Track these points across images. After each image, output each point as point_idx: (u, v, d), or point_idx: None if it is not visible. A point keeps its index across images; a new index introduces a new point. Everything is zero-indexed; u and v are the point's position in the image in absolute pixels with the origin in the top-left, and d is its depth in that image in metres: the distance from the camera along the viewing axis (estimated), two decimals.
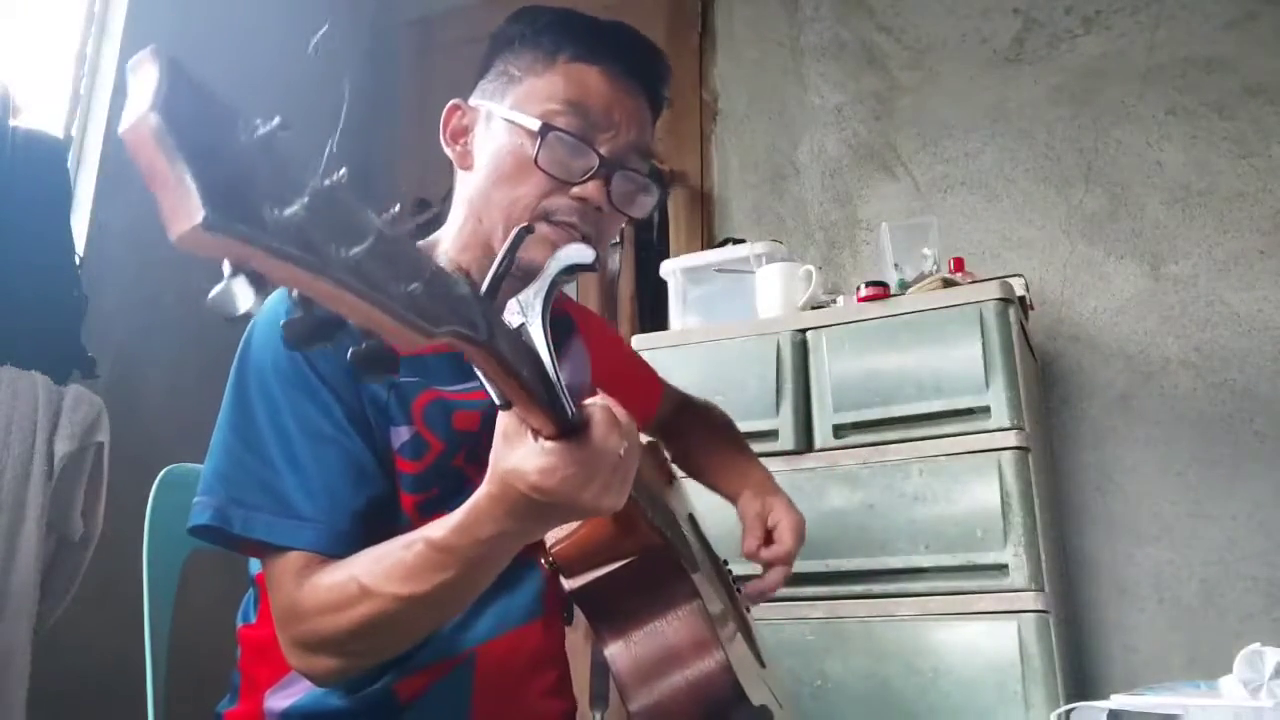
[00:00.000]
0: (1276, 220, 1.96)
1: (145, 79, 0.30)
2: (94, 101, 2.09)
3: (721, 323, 1.87)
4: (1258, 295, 1.94)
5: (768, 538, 1.06)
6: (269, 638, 0.89)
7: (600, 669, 1.71)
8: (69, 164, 1.93)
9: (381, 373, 0.41)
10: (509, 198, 0.89)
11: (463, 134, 0.97)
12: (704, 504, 1.22)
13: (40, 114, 1.95)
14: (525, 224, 0.85)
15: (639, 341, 1.87)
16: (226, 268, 0.33)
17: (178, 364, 2.10)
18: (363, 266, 0.36)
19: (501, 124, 0.92)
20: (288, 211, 0.33)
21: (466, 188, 0.94)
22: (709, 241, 2.41)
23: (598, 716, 1.68)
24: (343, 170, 0.36)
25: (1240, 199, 1.99)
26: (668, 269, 2.07)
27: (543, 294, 0.54)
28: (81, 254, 1.92)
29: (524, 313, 0.53)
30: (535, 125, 0.88)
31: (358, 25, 2.83)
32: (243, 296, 0.33)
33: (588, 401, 0.63)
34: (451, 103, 0.97)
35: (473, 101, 0.97)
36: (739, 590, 1.11)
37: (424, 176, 2.52)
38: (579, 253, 0.57)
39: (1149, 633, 1.86)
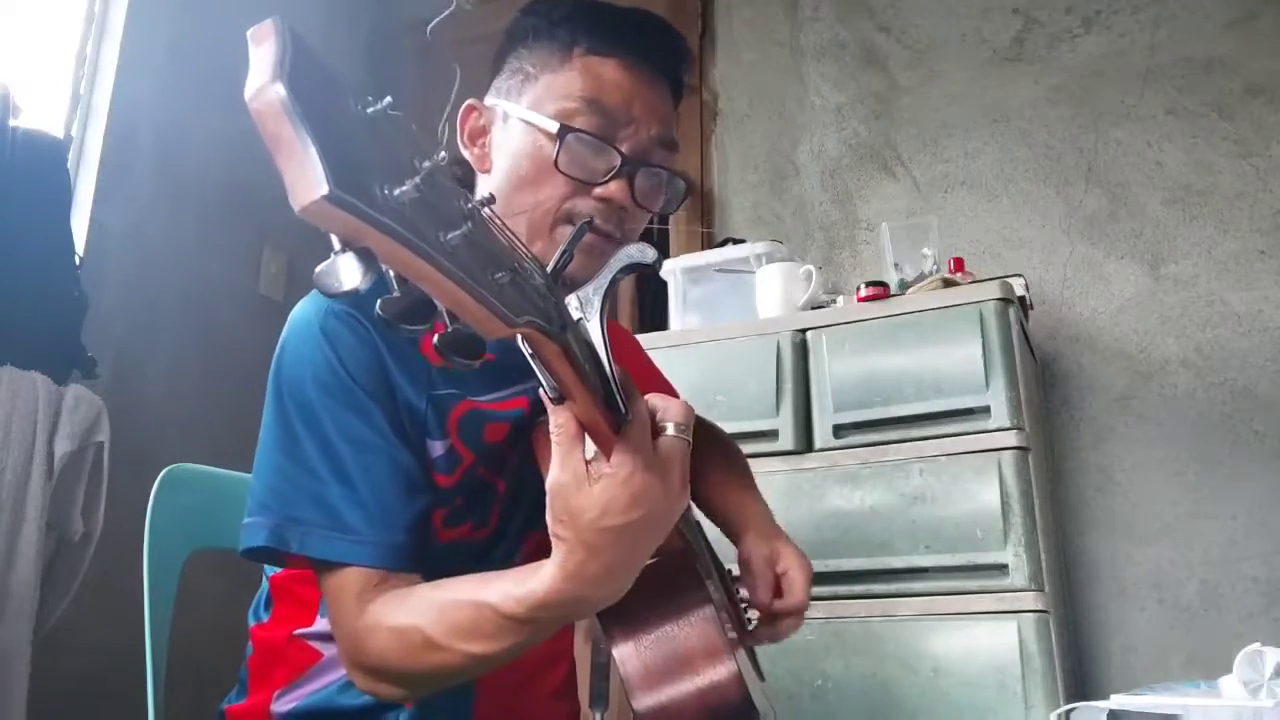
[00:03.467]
0: (1276, 220, 1.96)
1: (267, 49, 0.31)
2: (94, 101, 2.08)
3: (721, 323, 1.87)
4: (1258, 295, 1.94)
5: (777, 585, 1.00)
6: (280, 639, 0.88)
7: (601, 669, 1.71)
8: (69, 164, 1.93)
9: (469, 357, 0.41)
10: (531, 201, 0.86)
11: (480, 135, 0.93)
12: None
13: (40, 114, 1.95)
14: (588, 219, 0.83)
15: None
16: (336, 243, 0.33)
17: (178, 364, 2.10)
18: (459, 253, 0.36)
19: (519, 125, 0.88)
20: (398, 191, 0.34)
21: (486, 190, 0.91)
22: (709, 241, 2.41)
23: (597, 717, 1.68)
24: (442, 154, 0.37)
25: (1240, 199, 1.99)
26: (668, 269, 2.06)
27: (602, 291, 0.54)
28: (81, 254, 1.91)
29: (583, 309, 0.53)
30: (553, 127, 0.85)
31: (357, 25, 2.83)
32: (349, 274, 0.33)
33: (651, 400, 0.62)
34: (467, 103, 0.94)
35: (489, 101, 0.93)
36: (746, 613, 1.10)
37: None
38: (639, 252, 0.57)
39: (1149, 633, 1.86)
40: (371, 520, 0.76)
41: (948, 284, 1.68)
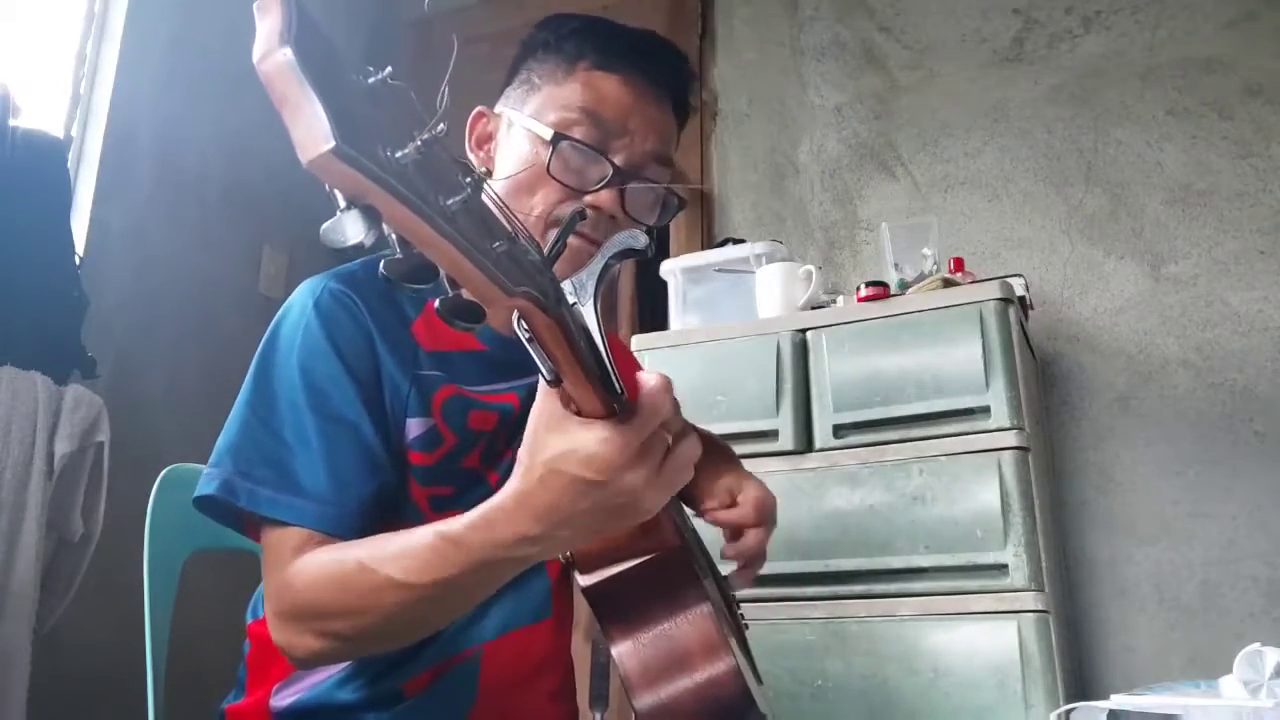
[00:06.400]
0: (1276, 220, 1.96)
1: (273, 18, 0.33)
2: (94, 101, 2.09)
3: (721, 323, 1.87)
4: (1258, 295, 1.94)
5: (732, 503, 1.04)
6: None
7: (600, 670, 1.71)
8: (69, 164, 1.93)
9: (469, 322, 0.42)
10: (525, 205, 0.90)
11: (487, 140, 0.97)
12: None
13: (40, 114, 1.95)
14: (579, 208, 0.85)
15: (639, 341, 1.87)
16: (341, 200, 0.35)
17: (178, 364, 2.10)
18: (458, 219, 0.38)
19: (521, 131, 0.92)
20: (399, 154, 0.35)
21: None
22: (709, 241, 2.41)
23: (597, 717, 1.68)
24: (442, 126, 0.38)
25: (1240, 199, 1.99)
26: (668, 269, 2.07)
27: (595, 275, 0.55)
28: (81, 254, 1.92)
29: (577, 293, 0.54)
30: (548, 134, 0.89)
31: (357, 26, 2.83)
32: (354, 229, 0.35)
33: (640, 376, 0.61)
34: (476, 110, 0.98)
35: (497, 108, 0.97)
36: (732, 592, 1.11)
37: None
38: (632, 238, 0.57)
39: (1149, 633, 1.86)
40: (325, 487, 0.78)
41: (948, 284, 1.68)
